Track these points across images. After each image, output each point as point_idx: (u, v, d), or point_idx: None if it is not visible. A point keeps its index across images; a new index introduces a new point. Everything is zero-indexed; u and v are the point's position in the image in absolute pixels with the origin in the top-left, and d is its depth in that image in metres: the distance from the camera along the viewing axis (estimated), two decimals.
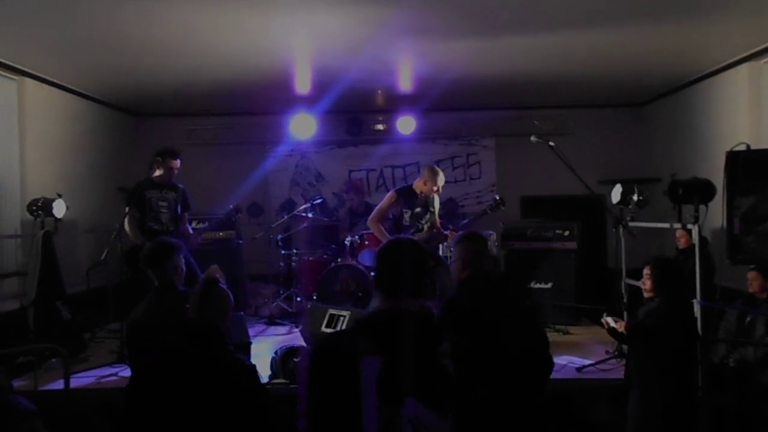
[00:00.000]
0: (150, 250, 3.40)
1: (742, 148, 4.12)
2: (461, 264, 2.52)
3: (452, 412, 1.65)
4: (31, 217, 5.14)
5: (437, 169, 5.15)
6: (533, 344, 2.30)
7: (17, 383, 3.73)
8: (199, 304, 2.47)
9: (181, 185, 5.14)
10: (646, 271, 3.41)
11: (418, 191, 5.12)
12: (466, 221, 5.28)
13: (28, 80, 5.79)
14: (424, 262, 1.88)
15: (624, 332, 3.44)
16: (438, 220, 5.28)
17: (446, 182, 5.21)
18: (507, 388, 2.04)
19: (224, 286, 2.59)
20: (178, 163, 5.01)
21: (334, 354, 1.74)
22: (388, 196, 5.20)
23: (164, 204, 4.96)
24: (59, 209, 5.14)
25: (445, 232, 5.16)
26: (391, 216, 5.25)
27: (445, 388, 1.67)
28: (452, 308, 2.36)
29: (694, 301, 4.01)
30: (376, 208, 5.24)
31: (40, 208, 5.09)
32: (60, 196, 5.20)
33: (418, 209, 5.09)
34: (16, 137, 5.61)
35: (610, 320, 3.55)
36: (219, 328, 2.44)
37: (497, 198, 5.16)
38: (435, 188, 5.05)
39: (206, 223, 5.60)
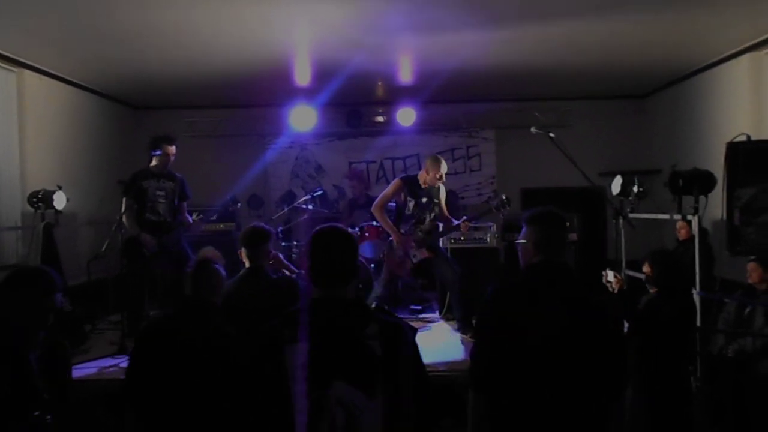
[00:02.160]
0: (247, 232, 3.49)
1: (743, 139, 4.12)
2: (532, 248, 2.24)
3: (382, 392, 1.69)
4: (32, 209, 5.15)
5: (439, 157, 5.15)
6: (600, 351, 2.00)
7: None
8: (192, 282, 2.66)
9: (179, 174, 5.13)
10: (645, 268, 3.42)
11: (422, 182, 5.12)
12: (467, 217, 5.28)
13: (27, 72, 5.78)
14: (351, 249, 1.90)
15: (614, 291, 3.46)
16: (445, 210, 5.29)
17: (446, 174, 5.20)
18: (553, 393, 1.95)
19: (218, 266, 2.74)
20: (173, 149, 4.98)
21: (262, 345, 1.81)
22: (394, 183, 5.19)
23: (161, 194, 4.94)
24: (59, 201, 5.15)
25: (456, 222, 5.16)
26: (393, 205, 5.25)
27: (372, 369, 1.71)
28: (508, 295, 2.14)
29: (693, 292, 4.02)
30: (381, 194, 5.23)
31: (41, 200, 5.10)
32: (60, 188, 5.21)
33: (424, 199, 5.10)
34: (16, 129, 5.61)
35: (610, 273, 3.54)
36: (211, 304, 2.65)
37: (503, 198, 5.17)
38: (438, 176, 5.05)
39: (205, 214, 5.58)
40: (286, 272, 3.78)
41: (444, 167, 5.10)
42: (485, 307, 2.09)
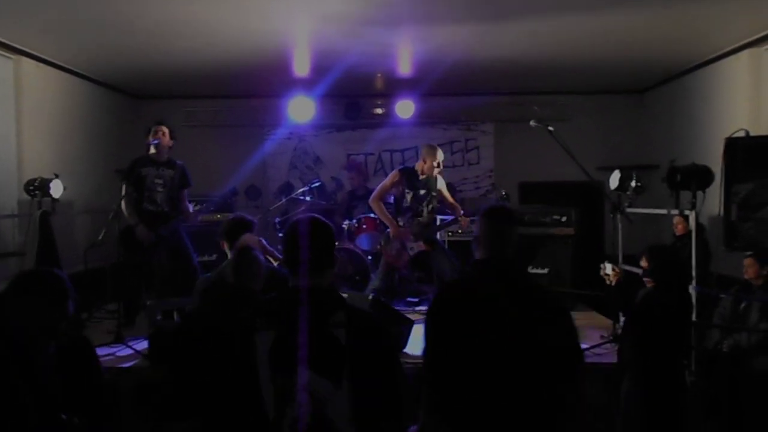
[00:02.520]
0: (228, 224, 3.48)
1: (741, 134, 4.12)
2: (476, 242, 2.21)
3: (348, 381, 1.71)
4: (29, 197, 5.13)
5: (435, 145, 5.16)
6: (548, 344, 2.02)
7: None
8: (234, 269, 2.71)
9: (180, 162, 5.08)
10: (643, 262, 3.42)
11: (420, 173, 5.12)
12: (464, 212, 5.30)
13: (25, 59, 5.74)
14: (325, 238, 1.92)
15: (612, 284, 3.48)
16: (449, 197, 5.28)
17: (444, 167, 5.21)
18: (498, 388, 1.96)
19: (257, 253, 2.80)
20: (164, 128, 4.94)
21: (232, 332, 1.85)
22: (392, 175, 5.20)
23: (160, 182, 4.90)
24: (56, 189, 5.13)
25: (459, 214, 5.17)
26: (391, 197, 5.25)
27: (336, 356, 1.73)
28: (447, 290, 2.26)
29: (690, 286, 4.03)
30: (379, 186, 5.24)
31: (38, 188, 5.08)
32: (57, 176, 5.18)
33: (422, 191, 5.10)
34: (13, 117, 5.58)
35: (608, 266, 3.56)
36: (252, 291, 2.67)
37: (503, 193, 5.19)
38: (435, 163, 5.05)
39: (204, 204, 5.57)
40: (271, 259, 3.77)
41: (440, 155, 5.11)
42: (432, 304, 2.11)
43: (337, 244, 5.99)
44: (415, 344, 3.74)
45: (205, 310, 2.77)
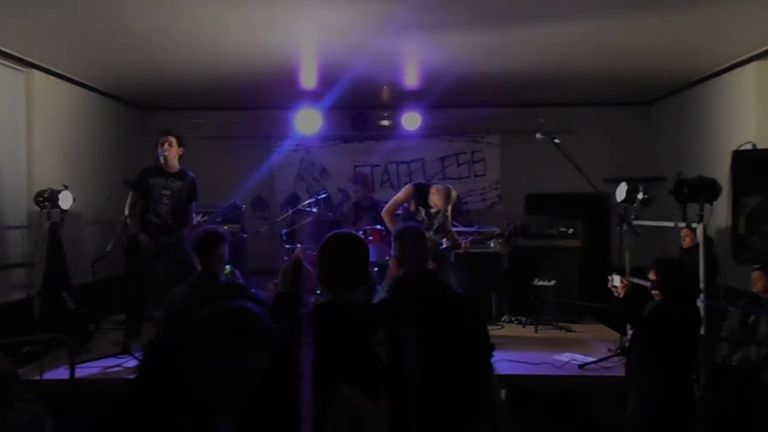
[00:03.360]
0: (197, 237, 3.44)
1: (749, 147, 4.12)
2: (396, 262, 2.63)
3: (385, 398, 1.72)
4: (38, 208, 5.18)
5: (453, 195, 5.10)
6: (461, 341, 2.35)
7: (23, 372, 3.76)
8: (290, 279, 2.66)
9: (191, 173, 5.04)
10: (651, 275, 3.41)
11: (431, 197, 5.12)
12: (472, 237, 5.30)
13: (36, 72, 5.81)
14: (362, 255, 1.95)
15: (620, 296, 3.47)
16: (450, 227, 5.28)
17: (451, 179, 5.22)
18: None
19: (309, 266, 2.76)
20: (171, 138, 4.92)
21: (279, 345, 1.83)
22: (405, 189, 5.21)
23: (167, 193, 4.88)
24: (65, 201, 5.18)
25: (460, 242, 5.17)
26: (400, 211, 5.26)
27: (377, 374, 1.75)
28: (383, 308, 2.41)
29: (698, 300, 4.01)
30: (392, 199, 5.24)
31: (47, 199, 5.13)
32: (66, 187, 5.23)
33: (433, 209, 5.10)
34: (24, 129, 5.65)
35: (616, 278, 3.55)
36: (302, 300, 2.62)
37: (516, 225, 5.19)
38: (439, 207, 5.06)
39: (209, 217, 5.59)
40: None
41: (453, 200, 5.10)
42: None
43: None
44: None
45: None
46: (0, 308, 5.07)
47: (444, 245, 5.30)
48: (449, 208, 5.10)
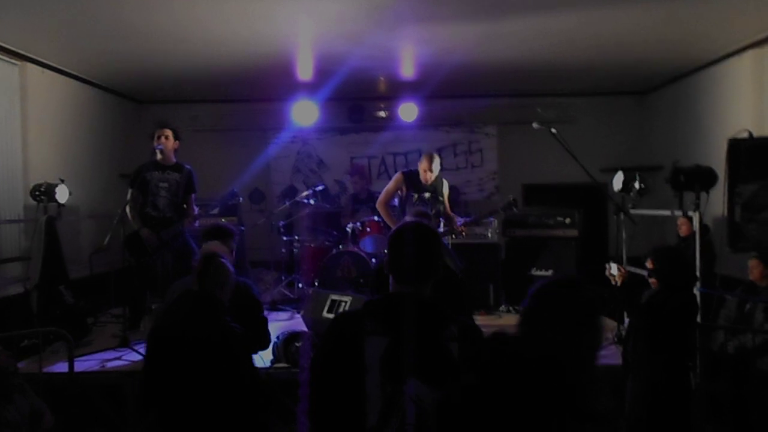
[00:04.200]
0: (209, 229, 3.46)
1: (745, 135, 4.12)
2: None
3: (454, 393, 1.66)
4: (34, 202, 5.16)
5: (432, 154, 5.13)
6: None
7: (21, 365, 3.76)
8: (199, 276, 2.67)
9: (188, 166, 5.03)
10: (649, 263, 3.41)
11: (421, 176, 5.12)
12: (470, 218, 5.28)
13: (30, 65, 5.78)
14: (435, 247, 1.88)
15: (617, 284, 3.48)
16: (448, 208, 5.28)
17: (448, 170, 5.21)
18: None
19: (224, 260, 2.74)
20: (167, 131, 4.91)
21: (341, 333, 1.79)
22: (395, 177, 5.20)
23: (164, 185, 4.87)
24: (62, 194, 5.16)
25: (459, 222, 5.15)
26: (396, 201, 5.25)
27: (448, 370, 1.69)
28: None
29: (695, 288, 4.02)
30: (383, 190, 5.23)
31: (43, 193, 5.11)
32: (63, 181, 5.22)
33: (427, 194, 5.09)
34: (19, 122, 5.62)
35: (614, 266, 3.55)
36: (216, 298, 2.66)
37: (512, 198, 5.17)
38: (423, 168, 5.02)
39: (206, 207, 5.55)
40: None
41: (436, 165, 5.06)
42: None
43: (342, 247, 6.05)
44: None
45: (173, 319, 2.76)
46: None
47: (441, 229, 5.30)
48: (431, 167, 5.04)
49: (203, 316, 2.61)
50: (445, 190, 5.24)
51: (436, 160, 5.10)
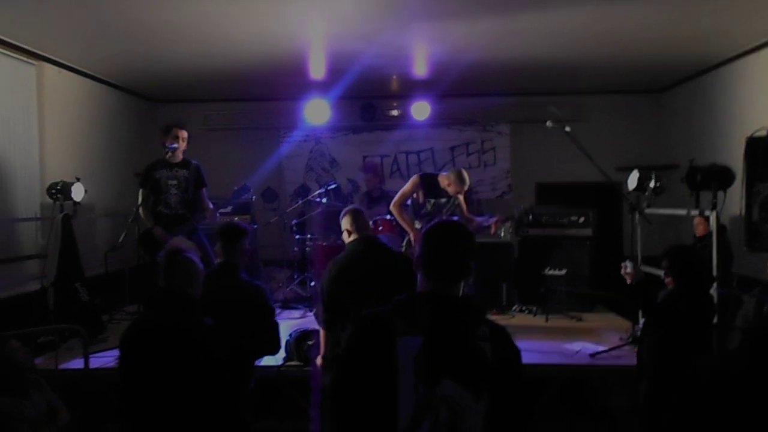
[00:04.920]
0: (223, 227, 3.45)
1: (763, 133, 4.06)
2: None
3: (486, 396, 1.65)
4: (51, 201, 5.22)
5: (464, 175, 5.06)
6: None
7: (38, 362, 3.80)
8: (165, 274, 2.60)
9: (195, 161, 5.04)
10: (665, 263, 3.38)
11: (442, 186, 5.10)
12: (498, 218, 5.27)
13: (47, 65, 5.85)
14: (469, 246, 1.86)
15: (629, 282, 3.46)
16: (466, 210, 5.25)
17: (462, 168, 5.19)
18: None
19: (190, 255, 2.67)
20: (184, 133, 4.92)
21: (370, 334, 1.76)
22: (412, 180, 5.18)
23: (174, 183, 4.87)
24: (78, 193, 5.21)
25: (487, 223, 5.12)
26: (409, 202, 5.24)
27: (481, 371, 1.67)
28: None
29: (712, 288, 3.97)
30: (399, 192, 5.22)
31: (59, 191, 5.16)
32: (78, 179, 5.27)
33: (443, 200, 5.08)
34: (35, 121, 5.69)
35: (629, 265, 3.53)
36: (185, 295, 2.59)
37: (528, 206, 5.14)
38: (458, 192, 5.03)
39: (227, 207, 5.57)
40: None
41: (466, 186, 5.05)
42: None
43: None
44: None
45: (144, 319, 2.74)
46: (15, 299, 5.14)
47: None
48: (463, 191, 5.05)
49: (174, 313, 2.56)
50: (461, 196, 5.22)
51: (468, 181, 5.05)
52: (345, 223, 3.52)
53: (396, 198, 5.18)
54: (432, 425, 1.63)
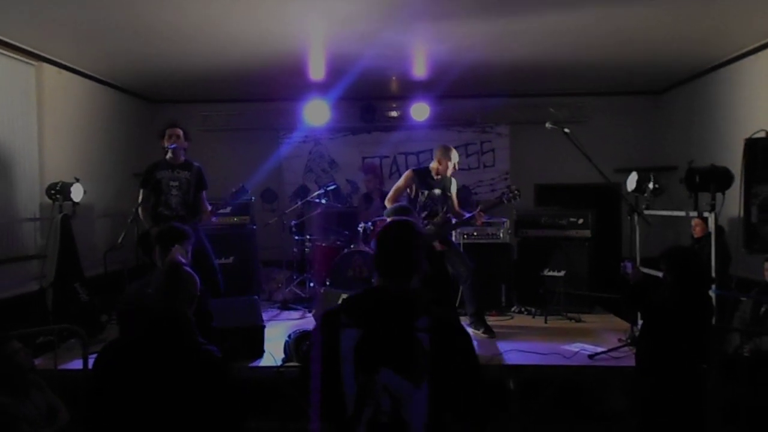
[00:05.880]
0: (161, 231, 3.41)
1: (761, 135, 4.07)
2: None
3: (428, 383, 1.77)
4: (50, 201, 5.23)
5: (449, 146, 5.14)
6: None
7: (37, 362, 3.81)
8: (166, 291, 2.29)
9: (197, 163, 5.05)
10: (664, 264, 3.39)
11: (434, 173, 5.11)
12: (470, 214, 5.27)
13: (46, 65, 5.85)
14: (417, 244, 1.99)
15: (631, 284, 3.47)
16: (456, 204, 5.28)
17: (460, 169, 5.20)
18: None
19: (189, 269, 2.41)
20: (177, 130, 4.92)
21: (323, 328, 1.92)
22: (405, 175, 5.20)
23: (175, 184, 4.88)
24: (77, 193, 5.22)
25: (468, 215, 5.15)
26: (404, 197, 5.24)
27: (419, 360, 1.79)
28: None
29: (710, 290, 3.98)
30: (393, 187, 5.23)
31: (59, 192, 5.17)
32: (78, 180, 5.27)
33: (437, 191, 5.09)
34: (35, 122, 5.69)
35: (629, 265, 3.54)
36: (188, 318, 2.28)
37: (516, 189, 5.14)
38: (450, 164, 5.04)
39: (227, 208, 5.55)
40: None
41: (455, 156, 5.10)
42: None
43: (353, 246, 6.05)
44: None
45: (128, 341, 2.38)
46: (14, 299, 5.14)
47: (453, 221, 5.29)
48: (452, 165, 5.05)
49: (174, 341, 2.21)
50: (453, 188, 5.24)
51: (455, 153, 5.10)
52: None
53: (390, 194, 5.19)
54: (374, 411, 1.77)
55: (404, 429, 1.76)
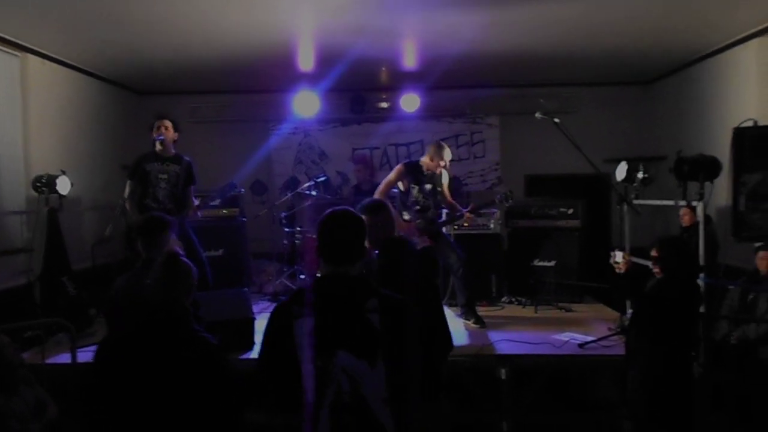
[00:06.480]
0: (144, 222, 3.36)
1: (750, 124, 4.09)
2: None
3: (383, 362, 1.86)
4: (36, 194, 5.16)
5: (443, 144, 5.14)
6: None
7: (25, 356, 3.77)
8: (164, 282, 2.30)
9: (187, 158, 5.01)
10: (653, 253, 3.40)
11: (425, 168, 5.10)
12: (467, 209, 5.29)
13: (31, 57, 5.76)
14: (358, 230, 2.06)
15: (621, 272, 3.48)
16: (448, 196, 5.28)
17: (450, 160, 5.19)
18: None
19: (186, 260, 2.42)
20: (166, 122, 4.87)
21: (273, 324, 1.99)
22: (396, 169, 5.18)
23: (164, 177, 4.83)
24: (63, 186, 5.16)
25: (460, 212, 5.16)
26: (396, 191, 5.24)
27: (372, 340, 1.87)
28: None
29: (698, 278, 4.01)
30: (383, 181, 5.22)
31: (45, 184, 5.11)
32: (64, 172, 5.22)
33: (428, 186, 5.09)
34: (20, 114, 5.60)
35: (618, 254, 3.56)
36: (186, 308, 2.30)
37: (508, 191, 5.18)
38: (441, 163, 5.05)
39: (206, 199, 5.51)
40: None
41: (448, 155, 5.09)
42: None
43: None
44: None
45: (126, 335, 2.34)
46: (1, 294, 5.09)
47: (443, 218, 5.29)
48: (444, 163, 5.05)
49: (173, 332, 2.23)
50: (444, 180, 5.23)
51: (448, 151, 5.09)
52: None
53: (381, 187, 5.18)
54: (336, 393, 1.85)
55: (365, 407, 1.84)
